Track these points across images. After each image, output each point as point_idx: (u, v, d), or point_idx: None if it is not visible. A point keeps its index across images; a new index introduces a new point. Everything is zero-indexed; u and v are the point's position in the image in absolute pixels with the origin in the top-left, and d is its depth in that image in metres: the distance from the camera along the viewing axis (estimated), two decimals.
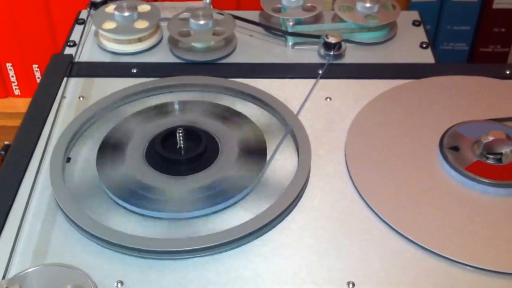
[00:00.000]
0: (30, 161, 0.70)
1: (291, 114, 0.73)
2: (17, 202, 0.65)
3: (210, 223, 0.63)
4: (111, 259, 0.60)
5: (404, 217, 0.62)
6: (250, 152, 0.69)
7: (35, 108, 0.77)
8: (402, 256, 0.59)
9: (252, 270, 0.59)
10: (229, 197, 0.64)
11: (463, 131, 0.70)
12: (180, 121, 0.72)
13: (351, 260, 0.60)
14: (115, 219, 0.63)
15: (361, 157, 0.69)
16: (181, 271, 0.59)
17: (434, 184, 0.66)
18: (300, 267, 0.59)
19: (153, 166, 0.66)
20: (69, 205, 0.62)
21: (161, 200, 0.63)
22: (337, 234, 0.62)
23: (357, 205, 0.65)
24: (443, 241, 0.60)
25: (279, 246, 0.61)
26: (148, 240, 0.59)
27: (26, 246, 0.61)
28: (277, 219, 0.62)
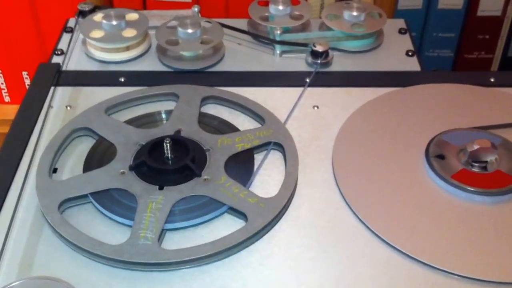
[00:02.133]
0: (16, 171, 0.68)
1: (279, 123, 0.72)
2: (3, 213, 0.63)
3: (198, 234, 0.62)
4: (98, 271, 0.58)
5: (391, 225, 0.61)
6: (238, 162, 0.67)
7: (22, 118, 0.75)
8: (389, 265, 0.58)
9: (239, 281, 0.58)
10: (216, 208, 0.62)
11: (449, 139, 0.69)
12: (168, 131, 0.70)
13: (339, 268, 0.59)
14: (102, 230, 0.62)
15: (348, 165, 0.68)
16: (169, 282, 0.58)
17: (420, 192, 0.65)
18: (289, 276, 0.58)
19: (140, 176, 0.65)
20: (55, 217, 0.61)
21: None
22: (324, 243, 0.61)
23: (344, 214, 0.64)
24: (430, 249, 0.59)
25: (267, 256, 0.60)
26: (135, 252, 0.58)
27: (12, 258, 0.59)
28: (264, 229, 0.61)
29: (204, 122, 0.73)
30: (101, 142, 0.70)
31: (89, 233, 0.60)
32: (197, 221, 0.62)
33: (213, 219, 0.63)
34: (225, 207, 0.63)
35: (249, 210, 0.62)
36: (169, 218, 0.61)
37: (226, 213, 0.64)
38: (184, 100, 0.76)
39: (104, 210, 0.62)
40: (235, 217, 0.64)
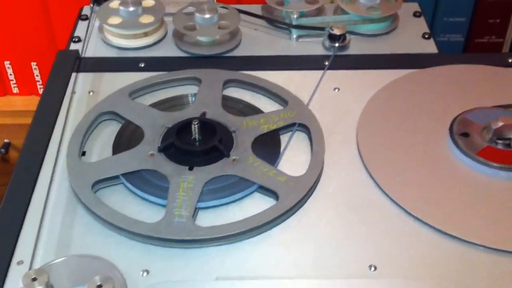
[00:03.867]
0: (45, 156, 0.70)
1: (302, 105, 0.75)
2: (35, 197, 0.65)
3: (230, 212, 0.64)
4: (134, 249, 0.60)
5: (420, 202, 0.64)
6: (264, 143, 0.70)
7: (46, 104, 0.77)
8: (420, 240, 0.61)
9: (273, 258, 0.60)
10: (246, 187, 0.65)
11: (472, 118, 0.71)
12: (192, 114, 0.73)
13: (371, 244, 0.61)
14: (134, 210, 0.64)
15: (373, 144, 0.70)
16: (204, 259, 0.60)
17: (446, 169, 0.67)
18: (321, 252, 0.60)
19: (169, 157, 0.67)
20: (90, 198, 0.63)
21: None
22: (354, 220, 0.63)
23: (372, 192, 0.66)
24: (459, 224, 0.62)
25: (298, 233, 0.62)
26: (171, 230, 0.60)
27: (49, 239, 0.61)
28: (295, 207, 0.63)
29: (227, 105, 0.76)
30: (128, 126, 0.73)
31: (122, 212, 0.62)
32: (228, 199, 0.64)
33: (243, 198, 0.65)
34: (255, 186, 0.65)
35: (279, 188, 0.64)
36: (201, 197, 0.64)
37: (256, 192, 0.66)
38: (206, 84, 0.78)
39: (136, 190, 0.65)
40: (265, 196, 0.66)
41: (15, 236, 0.61)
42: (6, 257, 0.59)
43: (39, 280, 0.54)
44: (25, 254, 0.60)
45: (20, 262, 0.59)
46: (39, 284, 0.54)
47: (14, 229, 0.61)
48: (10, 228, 0.61)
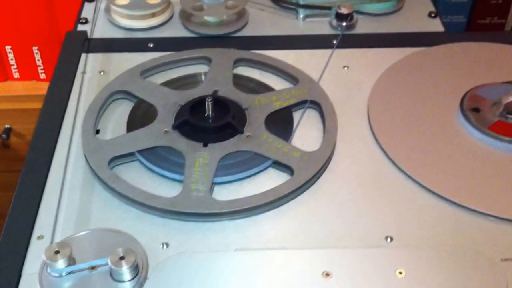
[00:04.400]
0: (59, 135, 0.71)
1: (313, 83, 0.76)
2: (52, 175, 0.67)
3: (245, 187, 0.65)
4: (153, 223, 0.62)
5: (434, 175, 0.65)
6: (277, 120, 0.71)
7: (57, 84, 0.78)
8: (434, 211, 0.63)
9: (290, 231, 0.62)
10: (261, 162, 0.66)
11: (482, 93, 0.73)
12: (204, 92, 0.74)
13: (386, 217, 0.62)
14: (151, 186, 0.65)
15: (384, 120, 0.72)
16: (223, 232, 0.61)
17: (458, 144, 0.69)
18: (337, 225, 0.62)
19: (184, 134, 0.68)
20: (107, 173, 0.64)
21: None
22: (368, 193, 0.65)
23: (385, 167, 0.68)
24: (472, 195, 0.63)
25: (314, 207, 0.64)
26: (189, 203, 0.61)
27: (68, 214, 0.63)
28: (310, 181, 0.65)
29: (238, 83, 0.77)
30: (140, 104, 0.74)
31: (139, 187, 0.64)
32: (243, 175, 0.66)
33: (258, 174, 0.67)
34: (269, 161, 0.67)
35: (294, 163, 0.66)
36: (217, 173, 0.65)
37: (270, 168, 0.68)
38: (216, 62, 0.79)
39: (153, 166, 0.66)
40: (279, 171, 0.67)
41: (34, 212, 0.62)
42: (26, 232, 0.60)
43: (61, 253, 0.56)
44: (45, 229, 0.61)
45: (40, 236, 0.60)
46: (61, 257, 0.55)
47: (33, 205, 0.62)
48: (29, 204, 0.63)
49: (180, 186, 0.64)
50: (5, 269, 0.57)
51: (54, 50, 1.20)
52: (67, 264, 0.56)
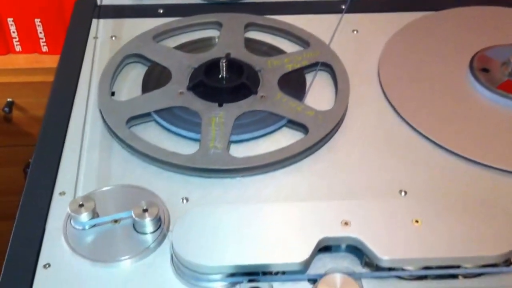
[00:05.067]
0: (75, 97, 0.73)
1: (324, 45, 0.78)
2: (70, 136, 0.69)
3: (261, 146, 0.68)
4: (172, 180, 0.64)
5: (445, 132, 0.68)
6: (290, 81, 0.73)
7: (70, 49, 0.80)
8: (447, 167, 0.65)
9: (306, 186, 0.64)
10: (276, 121, 0.68)
11: (491, 54, 0.75)
12: (217, 55, 0.76)
13: (399, 172, 0.65)
14: (168, 145, 0.67)
15: (395, 81, 0.74)
16: (240, 188, 0.63)
17: (468, 103, 0.72)
18: (352, 180, 0.64)
19: (199, 95, 0.70)
20: (126, 132, 0.66)
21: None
22: (381, 150, 0.67)
23: (397, 125, 0.70)
24: (484, 151, 0.66)
25: (330, 163, 0.66)
26: (207, 160, 0.63)
27: (88, 172, 0.65)
28: (324, 138, 0.67)
29: (250, 47, 0.79)
30: (155, 67, 0.76)
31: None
32: (259, 133, 0.68)
33: (273, 132, 0.69)
34: (284, 120, 0.69)
35: (309, 122, 0.68)
36: (233, 131, 0.67)
37: (285, 127, 0.70)
38: (228, 27, 0.81)
39: (169, 125, 0.68)
40: (293, 130, 0.70)
41: (55, 170, 0.64)
42: (48, 189, 0.62)
43: (85, 206, 0.58)
44: (67, 186, 0.63)
45: (62, 193, 0.62)
46: (85, 210, 0.58)
47: (53, 163, 0.65)
48: (49, 162, 0.65)
49: (197, 145, 0.66)
50: (29, 224, 0.59)
51: (57, 22, 1.21)
52: (91, 217, 0.58)
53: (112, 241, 0.57)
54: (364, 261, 0.56)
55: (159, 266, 0.56)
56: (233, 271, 0.53)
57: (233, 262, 0.53)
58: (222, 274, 0.53)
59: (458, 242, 0.54)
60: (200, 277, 0.54)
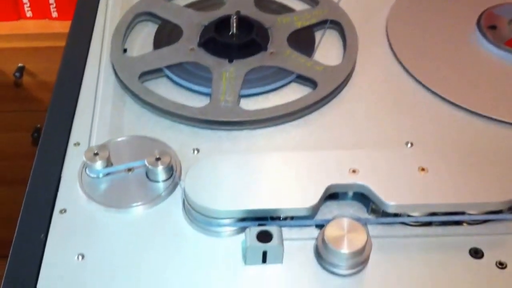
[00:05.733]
0: (88, 54, 0.75)
1: (333, 3, 0.79)
2: (84, 90, 0.71)
3: (271, 100, 0.69)
4: (184, 132, 0.66)
5: (452, 87, 0.69)
6: (299, 38, 0.75)
7: (83, 7, 0.81)
8: (453, 120, 0.67)
9: (315, 138, 0.66)
10: (285, 76, 0.70)
11: (499, 12, 0.76)
12: (227, 13, 0.77)
13: (406, 125, 0.66)
14: (179, 99, 0.69)
15: (403, 38, 0.76)
16: (250, 140, 0.65)
17: (474, 58, 0.73)
18: (360, 133, 0.66)
19: (210, 51, 0.72)
20: (138, 87, 0.68)
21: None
22: (389, 105, 0.69)
23: (404, 80, 0.72)
24: (490, 105, 0.67)
25: (337, 117, 0.68)
26: (218, 112, 0.65)
27: (101, 125, 0.67)
28: (333, 93, 0.69)
29: (260, 5, 0.80)
30: (165, 25, 0.77)
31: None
32: (268, 87, 0.70)
33: (283, 87, 0.71)
34: (293, 75, 0.71)
35: (317, 77, 0.70)
36: (243, 85, 0.69)
37: (294, 82, 0.71)
38: None
39: (180, 80, 0.70)
40: (302, 85, 0.71)
41: (69, 121, 0.66)
42: (63, 139, 0.64)
43: (100, 155, 0.60)
44: (81, 137, 0.65)
45: (77, 143, 0.64)
46: (100, 159, 0.60)
47: (68, 115, 0.66)
48: (64, 114, 0.67)
49: (207, 99, 0.68)
50: (46, 172, 0.61)
51: None
52: (105, 166, 0.60)
53: (125, 189, 0.59)
54: (370, 208, 0.58)
55: (171, 212, 0.58)
56: (243, 216, 0.55)
57: (243, 206, 0.54)
58: (232, 219, 0.55)
59: (463, 188, 0.56)
60: (211, 222, 0.56)
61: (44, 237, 0.55)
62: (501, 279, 0.53)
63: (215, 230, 0.56)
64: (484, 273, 0.53)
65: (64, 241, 0.56)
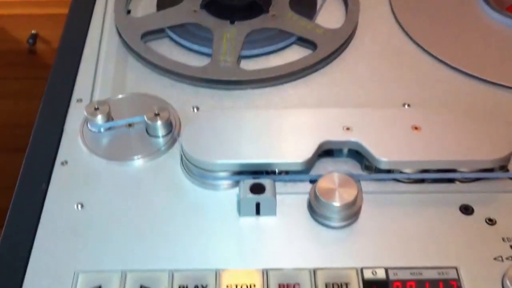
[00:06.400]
0: (92, 16, 0.76)
1: None
2: (87, 48, 0.72)
3: (271, 61, 0.70)
4: (184, 91, 0.67)
5: (452, 50, 0.70)
6: (301, 1, 0.76)
7: None
8: (452, 83, 0.68)
9: (314, 98, 0.67)
10: (285, 38, 0.71)
11: None
12: None
13: (405, 87, 0.67)
14: (181, 59, 0.70)
15: (406, 2, 0.76)
16: (250, 99, 0.66)
17: (475, 23, 0.74)
18: (358, 94, 0.67)
19: (212, 13, 0.73)
20: (141, 46, 0.70)
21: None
22: (389, 67, 0.70)
23: (405, 43, 0.73)
24: (489, 68, 0.68)
25: (337, 77, 0.69)
26: (218, 71, 0.67)
27: (104, 82, 0.68)
28: (333, 55, 0.70)
29: None
30: None
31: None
32: (269, 49, 0.71)
33: (283, 49, 0.72)
34: (294, 37, 0.72)
35: (318, 39, 0.71)
36: (244, 46, 0.70)
37: (294, 44, 0.72)
38: None
39: (182, 40, 0.71)
40: (303, 48, 0.72)
41: (72, 79, 0.68)
42: (66, 96, 0.66)
43: (101, 110, 0.61)
44: (84, 94, 0.66)
45: (80, 100, 0.66)
46: (101, 113, 0.61)
47: (71, 72, 0.68)
48: (67, 71, 0.68)
49: (208, 60, 0.69)
50: (48, 126, 0.63)
51: None
52: (106, 120, 0.61)
53: (126, 143, 0.61)
54: (364, 165, 0.59)
55: (169, 166, 0.60)
56: (238, 169, 0.56)
57: (238, 159, 0.56)
58: (228, 172, 0.57)
59: (455, 146, 0.57)
60: (207, 175, 0.57)
61: (45, 187, 0.57)
62: (489, 235, 0.54)
63: (211, 183, 0.58)
64: (473, 228, 0.55)
65: (64, 191, 0.57)
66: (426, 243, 0.53)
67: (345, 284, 0.51)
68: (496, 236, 0.54)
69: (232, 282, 0.51)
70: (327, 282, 0.51)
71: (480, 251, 0.53)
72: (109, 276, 0.51)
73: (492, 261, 0.52)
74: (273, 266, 0.52)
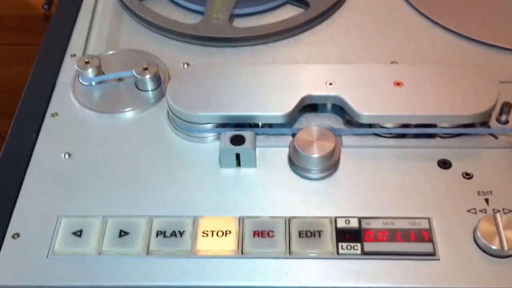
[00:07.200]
0: None
1: None
2: (84, 6, 0.74)
3: (264, 20, 0.71)
4: (176, 47, 0.69)
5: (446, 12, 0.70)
6: None
7: None
8: (442, 43, 0.68)
9: (304, 56, 0.68)
10: None
11: None
12: None
13: (395, 46, 0.68)
14: (175, 17, 0.71)
15: None
16: (240, 56, 0.68)
17: None
18: (348, 52, 0.68)
19: None
20: (136, 4, 0.71)
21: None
22: (381, 28, 0.71)
23: (399, 4, 0.74)
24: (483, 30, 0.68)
25: (327, 37, 0.70)
26: (209, 29, 0.68)
27: (98, 38, 0.70)
28: (325, 14, 0.71)
29: None
30: None
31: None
32: (262, 7, 0.72)
33: (276, 8, 0.73)
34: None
35: None
36: (236, 5, 0.71)
37: (288, 4, 0.73)
38: None
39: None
40: (296, 7, 0.73)
41: (67, 33, 0.70)
42: (61, 50, 0.68)
43: (91, 63, 0.63)
44: (77, 49, 0.68)
45: (73, 55, 0.68)
46: (91, 67, 0.63)
47: (67, 27, 0.70)
48: (62, 26, 0.70)
49: (202, 17, 0.70)
50: (41, 80, 0.65)
51: None
52: (96, 74, 0.63)
53: (116, 96, 0.63)
54: (345, 120, 0.60)
55: (157, 119, 0.61)
56: (221, 121, 0.58)
57: (222, 111, 0.57)
58: (211, 124, 0.58)
59: (436, 101, 0.58)
60: (191, 127, 0.59)
61: (34, 136, 0.59)
62: (465, 188, 0.55)
63: (196, 136, 0.59)
64: (449, 182, 0.56)
65: (53, 141, 0.60)
66: (402, 195, 0.55)
67: (318, 232, 0.52)
68: (471, 190, 0.55)
69: (209, 228, 0.53)
70: (300, 229, 0.52)
71: (454, 204, 0.54)
72: (90, 221, 0.53)
73: (466, 213, 0.53)
74: (250, 214, 0.53)
